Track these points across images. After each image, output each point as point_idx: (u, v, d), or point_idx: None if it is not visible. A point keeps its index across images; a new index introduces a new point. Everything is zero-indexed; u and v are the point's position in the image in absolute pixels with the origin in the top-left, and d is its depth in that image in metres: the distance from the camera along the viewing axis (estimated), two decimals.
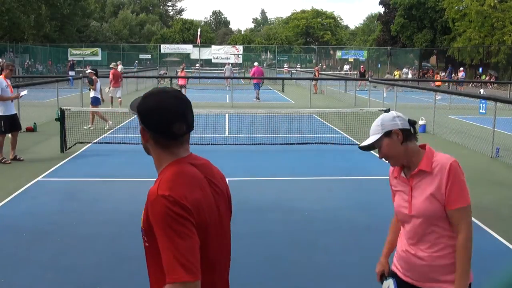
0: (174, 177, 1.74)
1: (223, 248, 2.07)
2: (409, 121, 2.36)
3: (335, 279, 4.52)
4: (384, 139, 2.37)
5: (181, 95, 1.82)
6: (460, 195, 2.25)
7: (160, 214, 1.64)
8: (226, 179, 2.12)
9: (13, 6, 41.69)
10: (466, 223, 2.31)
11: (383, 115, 2.43)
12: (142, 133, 1.81)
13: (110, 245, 5.21)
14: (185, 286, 1.61)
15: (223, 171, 1.96)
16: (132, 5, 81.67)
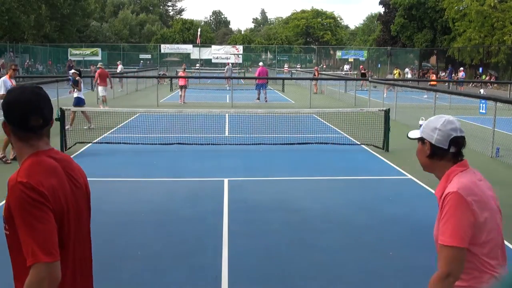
0: (32, 166, 1.86)
1: (81, 238, 2.06)
2: (451, 140, 2.12)
3: (335, 279, 4.52)
4: (419, 141, 2.24)
5: (40, 91, 1.97)
6: (444, 231, 2.04)
7: (18, 200, 1.76)
8: (87, 178, 2.15)
9: (13, 6, 41.67)
10: (442, 263, 2.05)
11: (436, 117, 2.23)
12: (4, 127, 1.95)
13: (110, 245, 5.21)
14: (45, 266, 1.72)
15: (223, 171, 1.96)
16: (132, 5, 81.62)
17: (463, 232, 2.00)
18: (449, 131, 2.12)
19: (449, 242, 2.01)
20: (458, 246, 2.00)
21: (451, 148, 2.13)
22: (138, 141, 10.57)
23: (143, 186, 7.67)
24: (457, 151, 2.15)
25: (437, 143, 2.13)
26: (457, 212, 2.01)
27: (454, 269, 2.01)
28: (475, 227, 2.02)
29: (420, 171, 8.42)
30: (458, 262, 2.01)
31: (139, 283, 4.37)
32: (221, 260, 4.81)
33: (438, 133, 2.13)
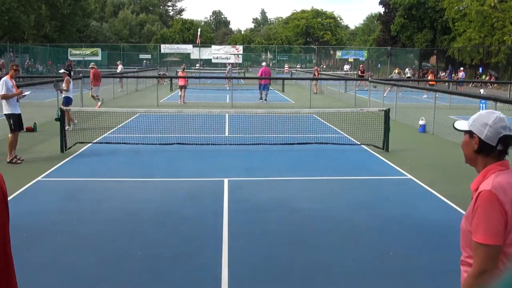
0: None
1: None
2: (500, 138, 2.12)
3: (335, 279, 4.52)
4: (467, 133, 2.23)
5: None
6: (476, 229, 2.07)
7: None
8: (4, 180, 2.19)
9: (13, 6, 41.66)
10: (476, 261, 2.07)
11: (487, 112, 2.21)
12: None
13: (110, 245, 5.21)
14: None
15: (223, 171, 1.96)
16: (132, 5, 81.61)
17: (496, 229, 2.02)
18: (499, 129, 2.11)
19: (483, 240, 2.03)
20: (492, 244, 2.02)
21: (499, 146, 2.13)
22: (138, 141, 10.56)
23: (143, 186, 7.67)
24: (504, 150, 2.15)
25: (486, 139, 2.13)
26: (489, 211, 2.03)
27: (488, 266, 2.03)
28: (507, 226, 2.04)
29: (420, 171, 8.42)
30: (492, 259, 2.04)
31: (139, 283, 4.37)
32: (221, 260, 4.81)
33: (489, 129, 2.12)
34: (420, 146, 11.37)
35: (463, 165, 2.41)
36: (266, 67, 23.29)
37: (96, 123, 13.09)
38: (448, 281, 4.50)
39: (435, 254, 5.05)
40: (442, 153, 10.56)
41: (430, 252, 5.12)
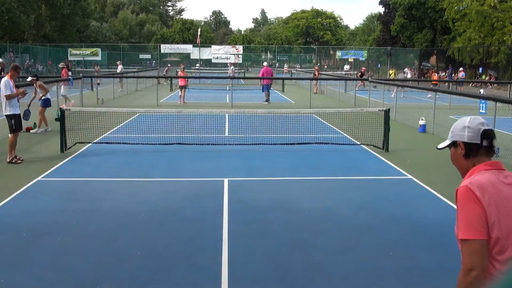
0: None
1: None
2: (482, 133, 2.16)
3: (335, 279, 4.52)
4: (452, 147, 2.28)
5: None
6: (458, 227, 2.09)
7: None
8: None
9: (13, 6, 41.67)
10: (463, 259, 2.06)
11: (460, 120, 2.27)
12: None
13: (110, 245, 5.21)
14: None
15: (223, 171, 1.94)
16: (132, 5, 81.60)
17: (476, 223, 2.01)
18: (477, 126, 2.17)
19: (463, 235, 2.03)
20: (474, 238, 2.00)
21: (484, 142, 2.16)
22: (138, 141, 10.56)
23: (143, 186, 7.67)
24: (489, 144, 2.18)
25: (470, 140, 2.18)
26: (466, 206, 2.05)
27: (475, 262, 2.00)
28: (489, 220, 2.03)
29: (420, 171, 8.42)
30: (476, 254, 2.00)
31: (139, 283, 4.37)
32: (221, 260, 4.81)
33: (468, 130, 2.18)
34: (420, 146, 11.37)
35: None
36: (267, 67, 23.09)
37: (96, 123, 13.08)
38: (448, 281, 4.50)
39: (435, 254, 5.05)
40: (442, 153, 10.51)
41: (430, 252, 5.12)
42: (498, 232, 2.02)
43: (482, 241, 2.00)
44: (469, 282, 2.00)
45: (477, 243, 2.00)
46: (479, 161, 2.19)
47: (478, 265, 1.99)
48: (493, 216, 2.02)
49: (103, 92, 22.74)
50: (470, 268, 2.00)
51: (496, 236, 2.02)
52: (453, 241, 5.58)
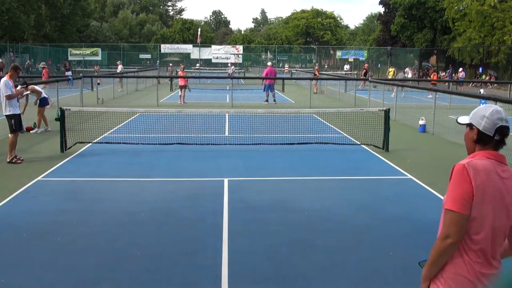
0: None
1: None
2: (497, 129, 2.30)
3: (335, 279, 4.52)
4: (468, 126, 2.43)
5: None
6: (446, 198, 2.27)
7: None
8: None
9: (13, 6, 41.65)
10: (443, 226, 2.26)
11: (485, 106, 2.42)
12: None
13: (110, 245, 5.21)
14: None
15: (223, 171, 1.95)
16: (132, 5, 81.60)
17: (463, 199, 2.19)
18: (495, 120, 2.29)
19: (450, 206, 2.21)
20: (458, 211, 2.19)
21: (496, 136, 2.29)
22: (138, 141, 10.56)
23: (143, 186, 7.67)
24: (500, 140, 2.32)
25: (484, 130, 2.31)
26: (458, 181, 2.23)
27: (452, 231, 2.20)
28: (476, 199, 2.20)
29: (420, 171, 8.42)
30: (457, 226, 2.20)
31: (139, 283, 4.37)
32: (221, 260, 4.81)
33: (486, 121, 2.31)
34: (420, 146, 11.37)
35: None
36: (271, 67, 22.96)
37: (96, 123, 13.07)
38: None
39: None
40: (442, 153, 10.56)
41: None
42: (476, 214, 2.20)
43: (463, 215, 2.19)
44: (444, 247, 2.23)
45: (459, 215, 2.19)
46: (485, 149, 2.33)
47: (454, 234, 2.20)
48: (477, 198, 2.19)
49: (103, 92, 22.74)
50: (447, 235, 2.21)
51: (474, 216, 2.20)
52: None
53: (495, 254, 2.27)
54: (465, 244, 2.24)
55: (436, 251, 2.29)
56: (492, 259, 2.25)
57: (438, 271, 2.33)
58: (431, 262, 2.35)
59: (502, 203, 2.23)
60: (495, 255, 2.27)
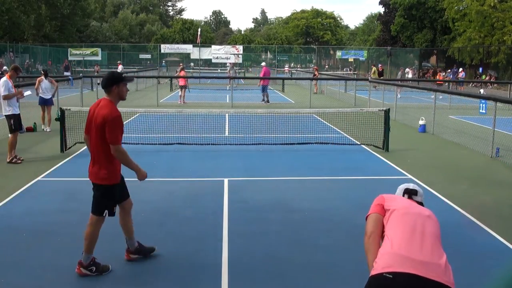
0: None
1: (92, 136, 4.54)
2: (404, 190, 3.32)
3: (335, 279, 4.52)
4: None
5: None
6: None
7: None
8: (100, 116, 4.34)
9: (13, 6, 41.66)
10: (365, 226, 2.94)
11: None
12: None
13: (110, 245, 5.21)
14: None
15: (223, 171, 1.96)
16: (132, 5, 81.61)
17: (375, 206, 2.95)
18: (402, 190, 3.26)
19: (368, 213, 2.93)
20: (369, 213, 2.93)
21: (405, 195, 3.23)
22: (138, 141, 10.56)
23: (143, 186, 7.64)
24: (409, 196, 3.25)
25: (398, 194, 3.26)
26: (374, 201, 2.97)
27: (366, 228, 2.85)
28: (386, 208, 2.91)
29: (420, 171, 8.40)
30: (369, 223, 2.85)
31: (139, 283, 4.37)
32: (221, 260, 4.81)
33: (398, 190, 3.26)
34: (420, 146, 11.36)
35: (463, 165, 2.43)
36: (267, 67, 22.94)
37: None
38: None
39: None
40: (442, 153, 10.56)
41: None
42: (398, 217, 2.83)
43: (373, 215, 2.88)
44: (365, 242, 2.78)
45: (373, 215, 2.87)
46: None
47: (367, 230, 2.81)
48: (390, 208, 2.91)
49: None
50: (365, 231, 2.82)
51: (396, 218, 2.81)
52: (453, 241, 5.60)
53: (425, 242, 2.66)
54: (380, 255, 2.63)
55: (364, 249, 2.80)
56: (426, 247, 2.62)
57: None
58: (367, 259, 2.76)
59: (413, 212, 2.98)
60: (425, 243, 2.66)
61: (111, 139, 4.29)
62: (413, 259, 2.44)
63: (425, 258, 2.46)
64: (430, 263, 2.45)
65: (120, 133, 4.41)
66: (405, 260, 2.43)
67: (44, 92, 13.16)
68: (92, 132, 4.40)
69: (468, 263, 4.91)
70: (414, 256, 2.46)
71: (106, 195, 4.53)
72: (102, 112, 4.29)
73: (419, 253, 2.49)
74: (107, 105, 4.36)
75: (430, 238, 2.64)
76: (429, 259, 2.47)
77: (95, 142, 4.40)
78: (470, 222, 6.10)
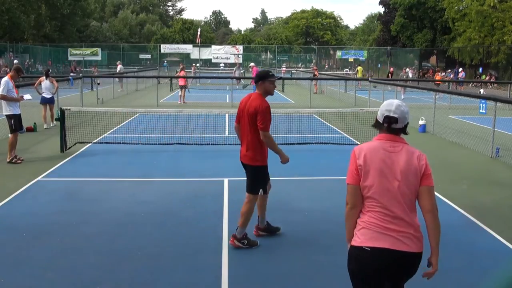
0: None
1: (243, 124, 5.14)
2: (384, 117, 3.07)
3: (335, 279, 4.52)
4: None
5: None
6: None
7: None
8: (253, 107, 4.88)
9: (13, 6, 41.66)
10: (346, 196, 3.00)
11: (388, 102, 3.13)
12: None
13: (110, 245, 5.21)
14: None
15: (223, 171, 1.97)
16: (132, 5, 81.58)
17: (351, 174, 2.87)
18: (384, 112, 3.06)
19: (346, 181, 2.90)
20: (348, 183, 2.89)
21: (385, 124, 3.02)
22: (138, 141, 10.56)
23: (143, 186, 7.67)
24: (388, 125, 3.01)
25: (378, 118, 3.10)
26: (350, 161, 2.91)
27: (348, 199, 2.89)
28: (360, 173, 2.83)
29: None
30: (350, 194, 2.87)
31: (139, 283, 4.37)
32: (221, 260, 4.81)
33: (378, 112, 3.09)
34: (420, 146, 11.32)
35: (463, 165, 2.42)
36: (256, 67, 23.10)
37: (96, 123, 13.08)
38: (448, 281, 4.49)
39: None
40: (442, 153, 10.55)
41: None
42: (366, 182, 2.82)
43: (354, 186, 2.85)
44: (346, 213, 2.90)
45: (351, 187, 2.86)
46: (380, 133, 3.08)
47: (349, 201, 2.88)
48: (364, 170, 2.82)
49: (103, 92, 22.74)
50: (346, 202, 2.90)
51: (365, 184, 2.82)
52: (453, 241, 5.59)
53: (398, 212, 2.79)
54: (368, 207, 2.83)
55: (345, 218, 2.92)
56: (395, 217, 2.79)
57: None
58: (346, 229, 2.94)
59: (389, 169, 2.82)
60: (398, 213, 2.79)
61: (262, 126, 4.91)
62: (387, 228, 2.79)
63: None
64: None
65: (269, 120, 4.99)
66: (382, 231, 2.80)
67: (45, 92, 13.45)
68: (245, 121, 5.03)
69: (468, 263, 4.91)
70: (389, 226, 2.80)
71: (259, 175, 5.13)
72: (254, 103, 4.96)
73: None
74: (257, 97, 5.05)
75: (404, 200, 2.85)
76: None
77: (248, 129, 5.02)
78: (470, 222, 6.10)
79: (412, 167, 2.89)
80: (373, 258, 2.74)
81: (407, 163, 2.88)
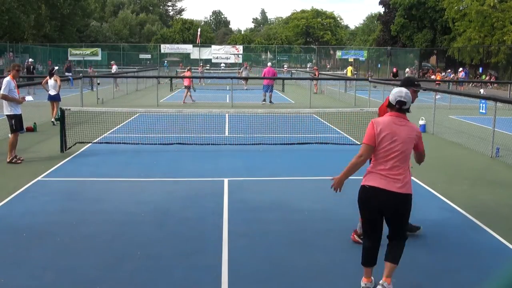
0: None
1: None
2: (397, 101, 4.09)
3: (335, 279, 4.52)
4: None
5: None
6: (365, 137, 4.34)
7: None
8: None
9: (13, 6, 41.65)
10: (360, 150, 4.33)
11: (398, 89, 4.19)
12: None
13: (110, 245, 5.21)
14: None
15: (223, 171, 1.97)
16: (132, 5, 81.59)
17: (369, 137, 4.09)
18: (396, 97, 4.09)
19: (364, 141, 4.17)
20: (365, 143, 4.14)
21: (396, 105, 4.09)
22: (138, 141, 10.56)
23: (143, 186, 7.67)
24: (399, 107, 4.07)
25: (391, 101, 4.13)
26: (368, 128, 4.10)
27: (362, 153, 4.20)
28: (377, 138, 4.04)
29: (419, 171, 8.36)
30: (365, 150, 4.18)
31: (139, 283, 4.37)
32: (221, 260, 4.81)
33: (391, 97, 4.13)
34: None
35: (463, 165, 2.42)
36: (270, 67, 22.75)
37: (96, 123, 13.07)
38: (448, 281, 4.50)
39: (435, 254, 5.05)
40: (442, 153, 10.55)
41: (430, 252, 5.12)
42: (382, 143, 4.04)
43: (369, 146, 4.10)
44: (357, 162, 4.27)
45: (367, 146, 4.13)
46: (391, 111, 4.14)
47: (364, 154, 4.20)
48: (380, 137, 4.03)
49: (103, 92, 22.74)
50: (361, 154, 4.20)
51: (381, 145, 4.06)
52: (453, 241, 5.57)
53: (397, 164, 4.03)
54: (377, 159, 4.11)
55: (352, 163, 4.30)
56: (395, 167, 4.05)
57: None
58: (347, 170, 4.46)
59: (398, 137, 4.00)
60: (397, 165, 4.04)
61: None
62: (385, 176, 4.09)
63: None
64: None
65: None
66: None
67: (51, 89, 13.85)
68: None
69: (468, 263, 4.92)
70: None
71: None
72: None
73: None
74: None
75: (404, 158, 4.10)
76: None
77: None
78: (470, 222, 6.10)
79: (411, 138, 4.07)
80: (372, 194, 4.15)
81: (408, 134, 4.04)
